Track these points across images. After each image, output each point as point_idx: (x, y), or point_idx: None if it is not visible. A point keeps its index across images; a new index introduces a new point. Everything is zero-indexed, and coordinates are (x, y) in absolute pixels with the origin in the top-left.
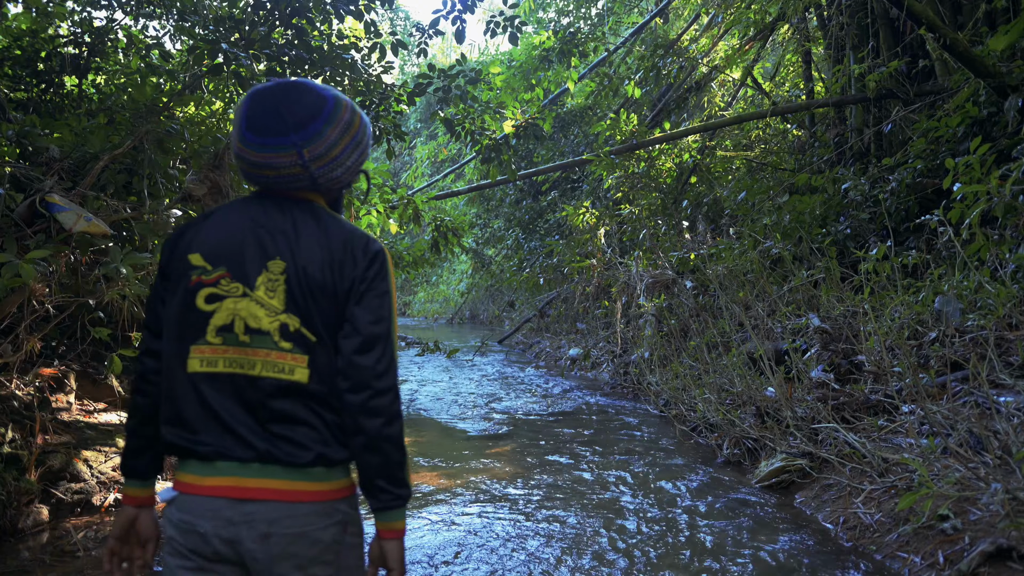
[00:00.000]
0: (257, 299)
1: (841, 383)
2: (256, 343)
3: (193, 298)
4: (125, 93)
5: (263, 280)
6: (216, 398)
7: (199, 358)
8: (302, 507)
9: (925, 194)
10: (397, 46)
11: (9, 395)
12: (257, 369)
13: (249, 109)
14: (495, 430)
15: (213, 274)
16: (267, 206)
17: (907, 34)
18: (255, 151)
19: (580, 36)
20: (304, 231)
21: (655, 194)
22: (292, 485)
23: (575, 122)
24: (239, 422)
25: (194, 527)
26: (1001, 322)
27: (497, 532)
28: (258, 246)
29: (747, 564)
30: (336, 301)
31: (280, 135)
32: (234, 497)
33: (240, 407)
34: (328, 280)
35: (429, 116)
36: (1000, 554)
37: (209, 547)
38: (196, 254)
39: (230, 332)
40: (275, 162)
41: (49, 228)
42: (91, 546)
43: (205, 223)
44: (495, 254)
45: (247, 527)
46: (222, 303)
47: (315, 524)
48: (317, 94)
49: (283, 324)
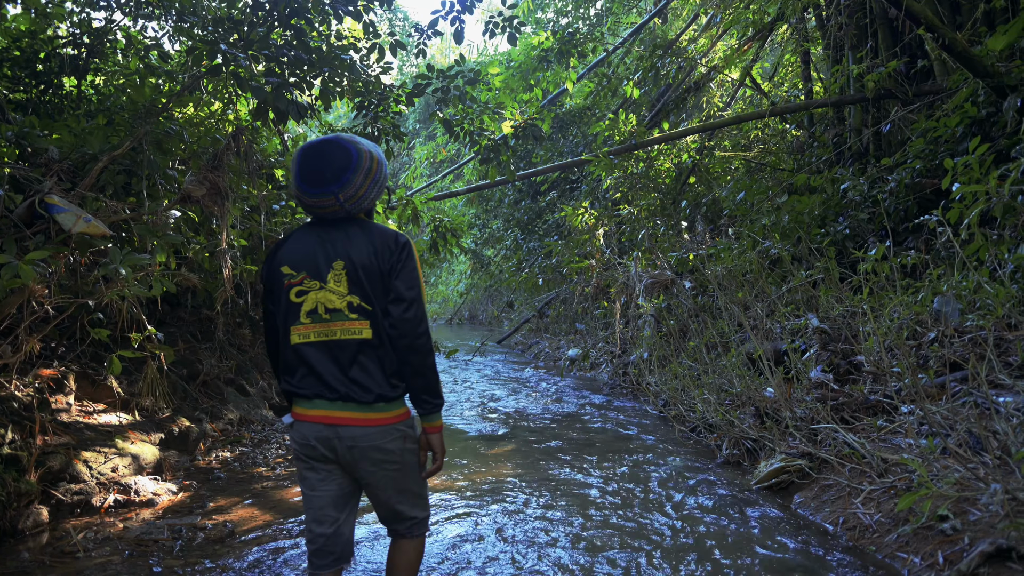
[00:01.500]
0: (329, 289)
1: (840, 383)
2: (334, 318)
3: (288, 295)
4: (124, 94)
5: (331, 276)
6: (312, 358)
7: (297, 334)
8: (371, 429)
9: (924, 194)
10: (396, 47)
11: (9, 396)
12: (337, 335)
13: (300, 166)
14: (494, 430)
15: (298, 277)
16: (324, 227)
17: (906, 34)
18: (308, 197)
19: (579, 36)
20: (354, 237)
21: (654, 194)
22: (363, 415)
23: (574, 122)
24: (328, 373)
25: (307, 440)
26: (1000, 322)
27: (496, 532)
28: (324, 254)
29: (747, 565)
30: (381, 278)
31: (323, 186)
32: (327, 422)
33: (329, 362)
34: (374, 264)
35: (428, 117)
36: (1000, 554)
37: (316, 452)
38: (285, 266)
39: (315, 314)
40: (322, 203)
41: (48, 229)
42: (91, 547)
43: (285, 245)
44: (494, 254)
45: (338, 441)
46: (307, 295)
47: (382, 439)
48: (345, 150)
49: (349, 302)
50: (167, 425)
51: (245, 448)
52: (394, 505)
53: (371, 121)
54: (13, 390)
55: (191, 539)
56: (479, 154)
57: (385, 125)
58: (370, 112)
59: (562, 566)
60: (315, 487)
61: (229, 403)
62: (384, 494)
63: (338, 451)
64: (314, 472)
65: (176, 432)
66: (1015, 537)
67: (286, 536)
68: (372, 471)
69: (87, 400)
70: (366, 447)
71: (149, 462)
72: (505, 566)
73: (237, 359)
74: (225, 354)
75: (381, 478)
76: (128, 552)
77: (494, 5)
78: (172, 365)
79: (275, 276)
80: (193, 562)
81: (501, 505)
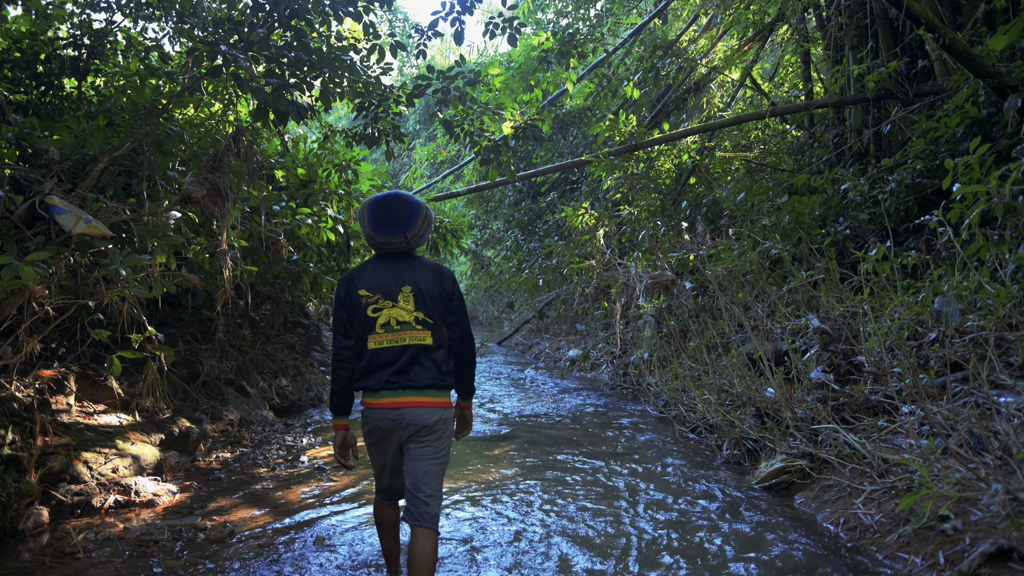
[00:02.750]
0: (400, 307)
1: (841, 384)
2: (403, 328)
3: (365, 312)
4: (124, 95)
5: (401, 297)
6: (383, 360)
7: (374, 341)
8: (422, 409)
9: (925, 194)
10: (396, 47)
11: (9, 397)
12: (406, 341)
13: (374, 214)
14: (495, 431)
15: (373, 298)
16: (391, 260)
17: (906, 34)
18: (382, 236)
19: (579, 37)
20: (416, 268)
21: (654, 195)
22: (417, 399)
23: (574, 123)
24: (393, 371)
25: (376, 422)
26: (1001, 322)
27: (497, 532)
28: (394, 280)
29: (747, 565)
30: (439, 301)
31: (394, 228)
32: (390, 407)
33: (396, 361)
34: (436, 290)
35: (428, 117)
36: (1001, 555)
37: (382, 431)
38: (362, 289)
39: (388, 326)
40: (392, 241)
41: (49, 230)
42: (91, 547)
43: (362, 273)
44: (494, 255)
45: (398, 419)
46: (382, 312)
47: (428, 416)
48: (409, 202)
49: (416, 316)
50: (167, 426)
51: (245, 449)
52: (422, 475)
53: (371, 122)
54: (13, 391)
55: (191, 540)
56: (479, 155)
57: (385, 126)
58: (370, 113)
59: (562, 566)
60: (380, 455)
61: (229, 404)
62: (421, 462)
63: (397, 427)
64: (381, 444)
65: (176, 433)
66: (1016, 537)
67: (286, 537)
68: (417, 440)
69: (87, 401)
70: (417, 424)
71: (149, 463)
72: (505, 566)
73: (237, 360)
74: (225, 355)
75: (424, 451)
76: (128, 553)
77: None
78: (172, 366)
79: (353, 297)
80: (193, 562)
81: (501, 505)
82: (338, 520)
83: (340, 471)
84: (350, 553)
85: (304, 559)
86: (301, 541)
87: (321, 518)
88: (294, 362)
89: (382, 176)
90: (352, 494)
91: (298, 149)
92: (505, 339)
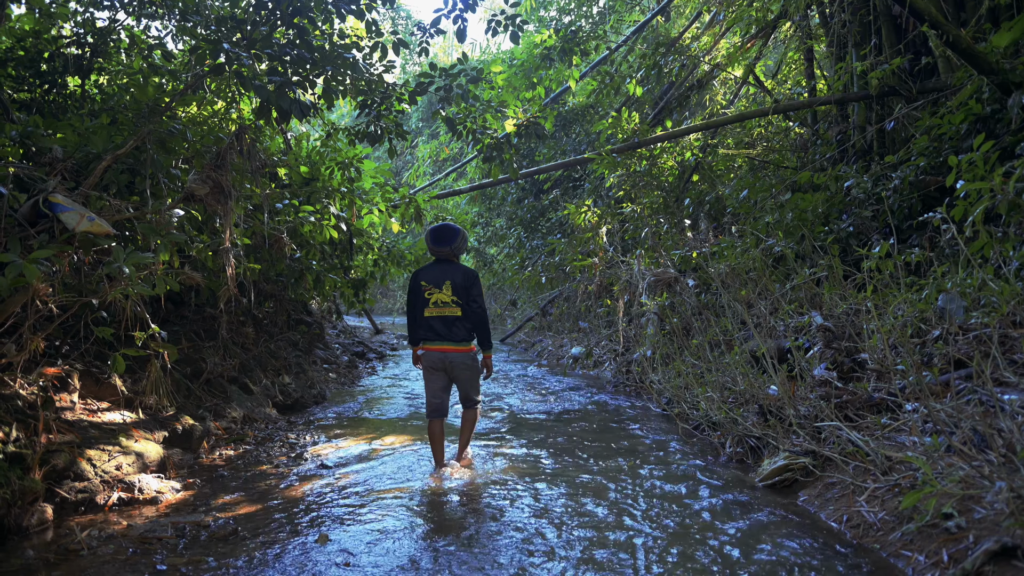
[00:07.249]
0: (444, 293)
1: (844, 381)
2: (445, 306)
3: (423, 295)
4: (128, 93)
5: (446, 287)
6: (434, 324)
7: (427, 314)
8: (460, 354)
9: (928, 192)
10: (398, 45)
11: (13, 394)
12: (446, 313)
13: (433, 234)
14: (497, 428)
15: (428, 287)
16: (441, 263)
17: (910, 31)
18: (437, 247)
19: (581, 34)
20: (455, 270)
21: (657, 192)
22: (456, 347)
23: (577, 121)
24: (441, 329)
25: (432, 359)
26: (1005, 320)
27: (500, 532)
28: (441, 277)
29: (750, 563)
30: (466, 291)
31: (444, 243)
32: (441, 352)
33: (441, 325)
34: (463, 285)
35: (431, 115)
36: (1005, 552)
37: (437, 366)
38: (423, 281)
39: (436, 304)
40: (442, 251)
41: (52, 228)
42: (95, 544)
43: (422, 271)
44: (497, 253)
45: (444, 358)
46: (433, 295)
47: (465, 358)
48: (453, 229)
49: (453, 299)
50: (171, 423)
51: (249, 446)
52: (467, 391)
53: (374, 120)
54: (17, 388)
55: (195, 537)
56: (482, 152)
57: (388, 123)
58: (373, 111)
59: (564, 565)
60: (433, 381)
61: (232, 401)
62: (463, 385)
63: (444, 364)
64: (433, 374)
65: (180, 430)
66: (1020, 535)
67: (290, 534)
68: (459, 373)
69: (91, 398)
70: (458, 362)
71: (153, 460)
72: (506, 566)
73: (240, 357)
74: (228, 352)
75: (463, 376)
76: (132, 550)
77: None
78: (176, 363)
79: (416, 286)
80: (197, 560)
81: (503, 504)
82: (342, 517)
83: (343, 468)
84: (354, 550)
85: (307, 556)
86: (304, 538)
87: (325, 515)
88: (297, 360)
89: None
90: (355, 491)
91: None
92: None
